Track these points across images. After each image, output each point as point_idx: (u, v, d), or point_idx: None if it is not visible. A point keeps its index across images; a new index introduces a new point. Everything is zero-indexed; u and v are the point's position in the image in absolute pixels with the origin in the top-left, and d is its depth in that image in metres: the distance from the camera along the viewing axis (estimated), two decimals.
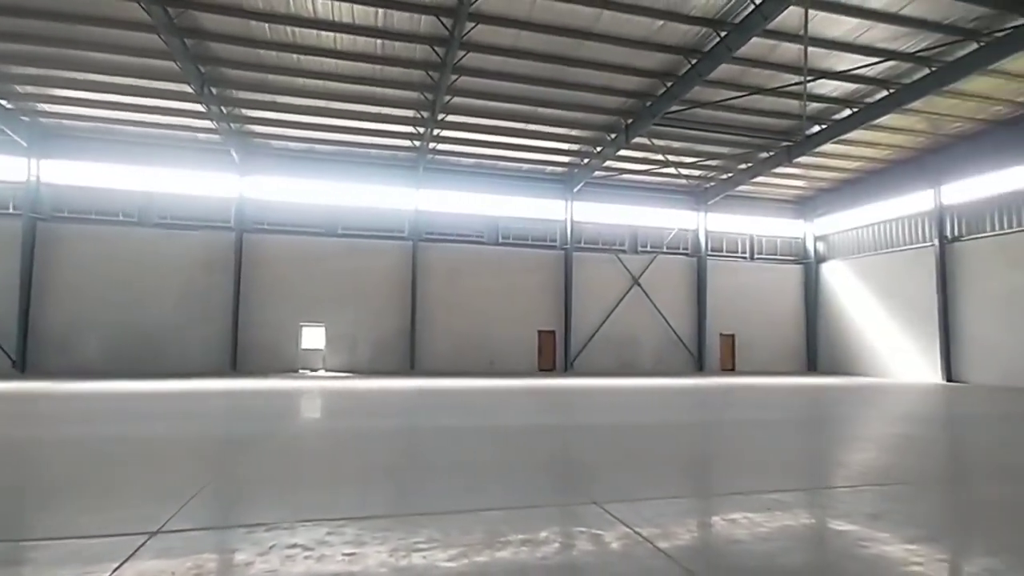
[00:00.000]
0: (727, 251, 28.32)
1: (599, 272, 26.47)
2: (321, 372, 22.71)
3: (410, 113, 19.55)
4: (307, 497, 4.93)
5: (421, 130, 20.71)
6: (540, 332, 25.66)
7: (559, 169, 24.98)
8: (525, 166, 24.65)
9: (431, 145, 22.15)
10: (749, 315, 28.02)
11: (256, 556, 3.57)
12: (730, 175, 25.18)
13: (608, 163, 23.35)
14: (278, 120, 20.19)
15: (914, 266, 23.57)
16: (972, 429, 10.35)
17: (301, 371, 22.79)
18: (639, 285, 26.81)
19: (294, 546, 3.73)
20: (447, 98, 18.14)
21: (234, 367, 22.21)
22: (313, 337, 23.47)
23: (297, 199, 23.85)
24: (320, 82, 17.52)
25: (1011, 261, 20.10)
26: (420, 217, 24.76)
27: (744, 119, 19.84)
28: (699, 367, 27.06)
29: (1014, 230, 20.10)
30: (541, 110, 19.34)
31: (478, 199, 25.59)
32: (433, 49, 15.59)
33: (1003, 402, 14.81)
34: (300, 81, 17.46)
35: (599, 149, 22.22)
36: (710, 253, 27.84)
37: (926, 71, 16.20)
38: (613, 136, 20.98)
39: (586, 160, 23.54)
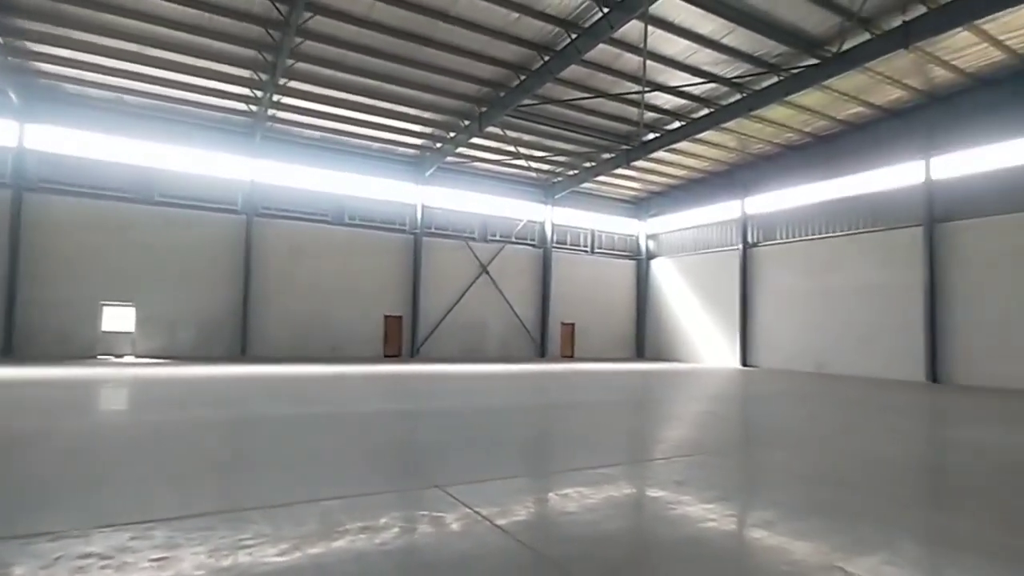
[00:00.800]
0: (571, 244, 30.21)
1: (448, 259, 26.63)
2: (129, 358, 19.89)
3: (246, 73, 17.78)
4: (107, 501, 4.32)
5: (259, 94, 18.96)
6: (387, 317, 25.14)
7: (411, 152, 24.56)
8: (376, 145, 23.84)
9: (270, 112, 20.40)
10: (588, 305, 30.27)
11: (39, 570, 3.06)
12: (576, 172, 26.84)
13: (461, 150, 23.49)
14: (74, 60, 17.06)
15: (724, 266, 27.27)
16: (758, 405, 12.33)
17: (101, 357, 19.74)
18: (487, 273, 27.49)
19: (87, 555, 3.26)
20: (289, 62, 16.82)
21: (9, 352, 18.55)
22: (119, 318, 20.44)
23: (99, 155, 20.44)
24: (133, 22, 15.16)
25: (793, 265, 24.21)
26: (256, 190, 22.73)
27: (590, 120, 21.25)
28: (541, 353, 28.60)
29: (796, 239, 24.20)
30: (394, 88, 18.81)
31: (324, 176, 24.18)
32: (274, 4, 14.32)
33: (782, 382, 17.86)
34: (106, 17, 14.94)
35: (452, 135, 22.26)
36: (555, 245, 29.47)
37: (738, 96, 18.74)
38: (467, 123, 21.15)
39: (439, 145, 23.44)
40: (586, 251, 30.68)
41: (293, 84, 18.48)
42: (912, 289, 19.74)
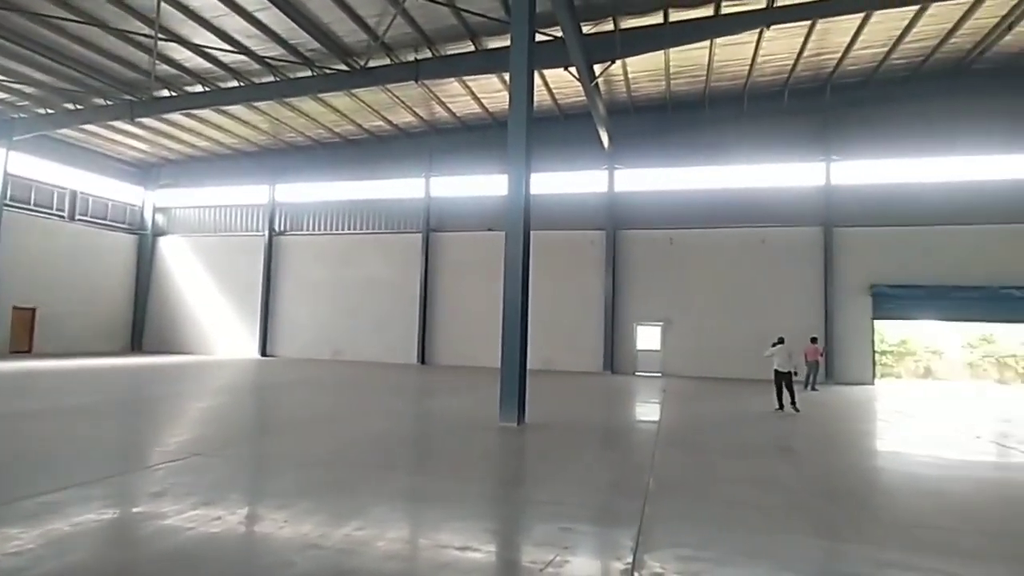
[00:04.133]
0: (38, 205, 23.24)
1: None
2: None
3: None
4: None
5: None
6: None
7: None
8: None
9: None
10: (62, 286, 23.90)
11: None
12: (51, 111, 20.85)
13: None
14: None
15: (249, 252, 26.25)
16: (270, 395, 12.34)
17: None
18: None
19: None
20: None
21: None
22: None
23: None
24: None
25: (317, 256, 25.48)
26: None
27: (80, 51, 16.86)
28: None
29: (322, 232, 25.56)
30: None
31: None
32: None
33: (300, 370, 18.49)
34: None
35: None
36: (9, 203, 22.11)
37: (272, 78, 18.42)
38: None
39: None
40: (63, 217, 24.22)
41: None
42: (413, 286, 23.70)
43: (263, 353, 25.49)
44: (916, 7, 14.57)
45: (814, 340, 16.92)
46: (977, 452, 8.00)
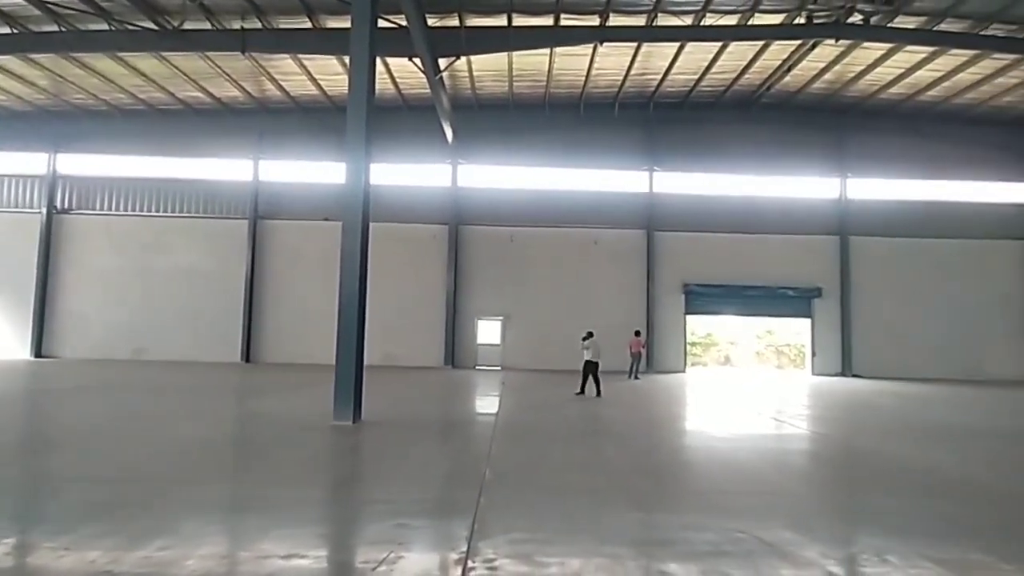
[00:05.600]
0: None
1: None
2: None
3: None
4: None
5: None
6: None
7: None
8: None
9: None
10: None
11: None
12: None
13: None
14: None
15: (17, 233, 21.92)
16: (35, 403, 10.46)
17: None
18: None
19: None
20: None
21: None
22: None
23: None
24: None
25: (114, 241, 22.09)
26: None
27: None
28: None
29: (121, 213, 22.21)
30: None
31: None
32: None
33: (81, 374, 15.89)
34: None
35: None
36: None
37: (56, 28, 15.53)
38: None
39: None
40: None
41: None
42: (237, 277, 21.64)
43: (38, 354, 21.51)
44: (720, 43, 16.85)
45: (637, 333, 18.73)
46: (759, 426, 9.49)
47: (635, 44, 17.12)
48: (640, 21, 16.00)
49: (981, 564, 3.76)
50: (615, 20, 15.84)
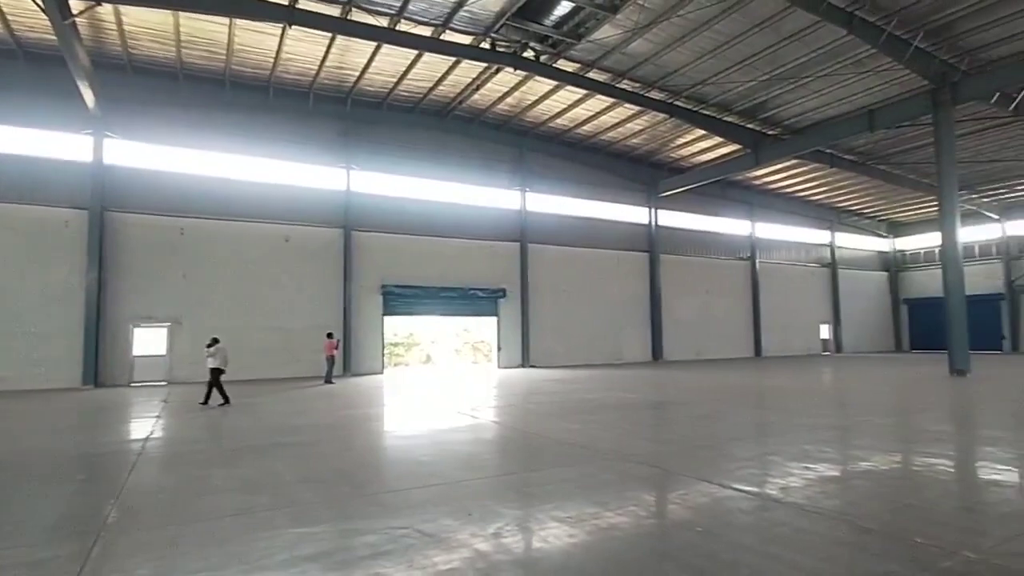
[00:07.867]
0: None
1: None
2: None
3: None
4: None
5: None
6: None
7: None
8: None
9: None
10: None
11: None
12: None
13: None
14: None
15: None
16: None
17: None
18: None
19: None
20: None
21: None
22: None
23: None
24: None
25: None
26: None
27: None
28: None
29: None
30: None
31: None
32: None
33: None
34: None
35: None
36: None
37: None
38: None
39: None
40: None
41: None
42: None
43: None
44: (416, 52, 17.53)
45: (330, 336, 18.12)
46: (440, 421, 10.02)
47: (329, 35, 16.57)
48: (335, 11, 15.56)
49: (592, 515, 4.54)
50: (306, 4, 15.09)
